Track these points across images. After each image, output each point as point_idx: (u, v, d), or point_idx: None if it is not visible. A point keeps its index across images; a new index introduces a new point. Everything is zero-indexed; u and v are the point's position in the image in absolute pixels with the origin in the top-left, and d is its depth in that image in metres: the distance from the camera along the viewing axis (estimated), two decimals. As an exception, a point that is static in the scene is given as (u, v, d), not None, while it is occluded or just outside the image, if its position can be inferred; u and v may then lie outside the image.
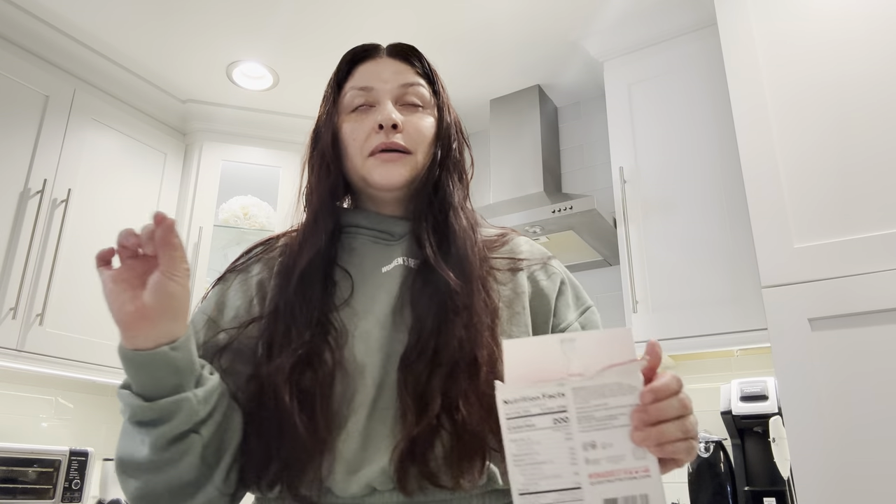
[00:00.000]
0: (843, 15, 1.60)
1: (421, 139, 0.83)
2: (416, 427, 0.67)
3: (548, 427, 0.53)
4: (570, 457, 0.53)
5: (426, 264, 0.78)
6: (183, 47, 2.35)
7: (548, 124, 2.58)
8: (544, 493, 0.53)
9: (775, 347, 1.45)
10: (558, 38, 2.30)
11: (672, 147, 2.05)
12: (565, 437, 0.53)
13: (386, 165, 0.80)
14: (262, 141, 2.72)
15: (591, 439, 0.53)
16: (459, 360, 0.70)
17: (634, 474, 0.53)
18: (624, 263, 2.01)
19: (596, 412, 0.54)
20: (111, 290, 0.63)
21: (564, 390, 0.54)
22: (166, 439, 0.64)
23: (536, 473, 0.53)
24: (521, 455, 0.53)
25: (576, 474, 0.53)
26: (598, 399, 0.54)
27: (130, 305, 0.62)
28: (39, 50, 2.23)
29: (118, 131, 2.44)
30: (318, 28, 2.24)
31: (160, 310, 0.62)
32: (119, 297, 0.62)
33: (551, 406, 0.54)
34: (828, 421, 1.36)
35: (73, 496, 2.08)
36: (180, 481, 0.66)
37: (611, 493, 0.53)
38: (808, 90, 1.60)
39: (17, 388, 2.29)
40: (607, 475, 0.53)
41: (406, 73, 0.85)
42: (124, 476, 0.67)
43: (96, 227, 2.31)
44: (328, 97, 0.88)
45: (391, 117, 0.80)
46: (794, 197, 1.54)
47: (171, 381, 0.64)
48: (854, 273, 1.41)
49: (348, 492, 0.68)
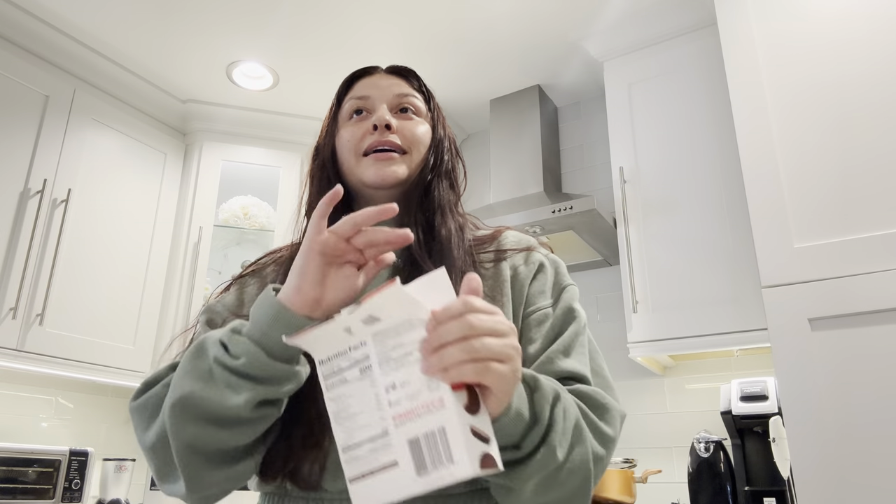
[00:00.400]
0: (844, 15, 1.60)
1: (415, 140, 0.85)
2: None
3: (356, 379, 0.53)
4: (377, 402, 0.53)
5: (412, 261, 0.79)
6: (183, 47, 2.35)
7: (548, 124, 2.58)
8: (359, 445, 0.53)
9: (775, 347, 1.45)
10: (558, 38, 2.30)
11: (672, 147, 2.05)
12: (370, 384, 0.53)
13: (380, 164, 0.82)
14: (262, 141, 2.72)
15: (391, 381, 0.53)
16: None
17: (430, 408, 0.51)
18: (624, 263, 2.01)
19: (393, 352, 0.53)
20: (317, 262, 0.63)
21: (365, 338, 0.53)
22: (265, 400, 0.63)
23: (353, 426, 0.53)
24: (338, 411, 0.53)
25: (382, 419, 0.52)
26: (394, 339, 0.53)
27: (351, 281, 0.64)
28: (39, 50, 2.23)
29: (118, 131, 2.44)
30: (319, 28, 2.24)
31: (345, 300, 0.63)
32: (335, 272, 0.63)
33: (357, 357, 0.54)
34: (828, 421, 1.36)
35: (73, 496, 2.08)
36: (238, 443, 0.66)
37: (412, 431, 0.51)
38: (809, 90, 1.60)
39: (17, 388, 2.29)
40: (408, 414, 0.52)
41: (401, 86, 0.88)
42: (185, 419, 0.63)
43: (96, 227, 2.31)
44: (330, 114, 0.91)
45: (385, 118, 0.83)
46: (794, 197, 1.54)
47: (296, 352, 0.64)
48: (854, 273, 1.41)
49: (337, 486, 0.70)
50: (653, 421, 2.17)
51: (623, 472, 1.90)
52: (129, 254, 2.40)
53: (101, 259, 2.30)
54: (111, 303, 2.31)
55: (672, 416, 2.14)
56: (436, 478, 0.50)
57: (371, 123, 0.83)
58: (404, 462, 0.51)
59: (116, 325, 2.31)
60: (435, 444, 0.50)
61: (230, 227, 2.62)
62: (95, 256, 2.28)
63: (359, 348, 0.54)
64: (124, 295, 2.36)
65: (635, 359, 1.96)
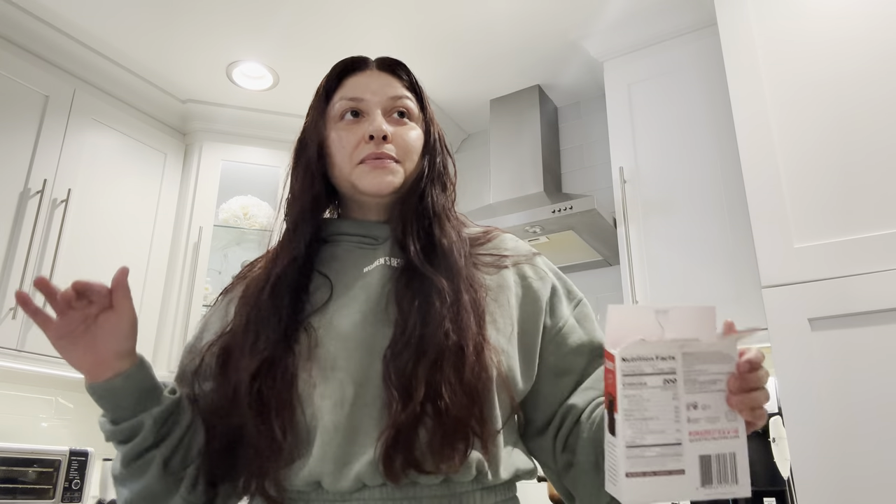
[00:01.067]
0: (843, 13, 1.60)
1: (410, 150, 0.85)
2: (400, 415, 0.69)
3: (657, 386, 0.58)
4: (675, 415, 0.59)
5: (410, 264, 0.79)
6: (183, 47, 2.35)
7: (548, 124, 2.58)
8: (650, 447, 0.58)
9: (775, 347, 1.45)
10: (558, 38, 2.30)
11: (672, 147, 2.05)
12: (672, 396, 0.59)
13: (376, 172, 0.82)
14: (262, 141, 2.72)
15: (693, 400, 0.59)
16: (445, 349, 0.72)
17: (727, 434, 0.60)
18: (624, 263, 2.01)
19: (699, 377, 0.59)
20: (61, 346, 0.70)
21: (675, 354, 0.59)
22: (131, 455, 0.73)
23: (643, 428, 0.58)
24: (631, 410, 0.58)
25: (678, 431, 0.59)
26: (702, 365, 0.60)
27: (89, 355, 0.71)
28: (39, 50, 2.23)
29: (118, 131, 2.44)
30: (319, 28, 2.24)
31: (115, 351, 0.71)
32: (73, 351, 0.71)
33: (662, 367, 0.59)
34: (828, 421, 1.36)
35: (72, 496, 2.08)
36: (150, 491, 0.74)
37: (706, 450, 0.59)
38: (809, 89, 1.60)
39: (17, 388, 2.29)
40: (704, 434, 0.59)
41: (394, 86, 0.87)
42: (115, 485, 0.78)
43: (96, 228, 2.31)
44: (315, 107, 0.89)
45: (382, 128, 0.82)
46: (794, 197, 1.54)
47: (129, 405, 0.73)
48: (854, 273, 1.41)
49: (337, 487, 0.69)
50: (653, 421, 2.17)
51: (623, 472, 1.89)
52: (129, 254, 2.40)
53: (101, 259, 2.30)
54: (111, 303, 2.30)
55: (672, 416, 2.14)
56: (718, 492, 0.59)
57: (367, 133, 0.82)
58: (691, 472, 0.59)
59: (116, 325, 2.31)
60: (724, 465, 0.60)
61: (230, 227, 2.62)
62: (95, 256, 2.28)
63: (666, 361, 0.59)
64: (124, 295, 2.35)
65: (635, 359, 1.96)
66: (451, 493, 0.71)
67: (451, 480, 0.71)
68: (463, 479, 0.71)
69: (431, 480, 0.70)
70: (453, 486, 0.71)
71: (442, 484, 0.71)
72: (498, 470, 0.74)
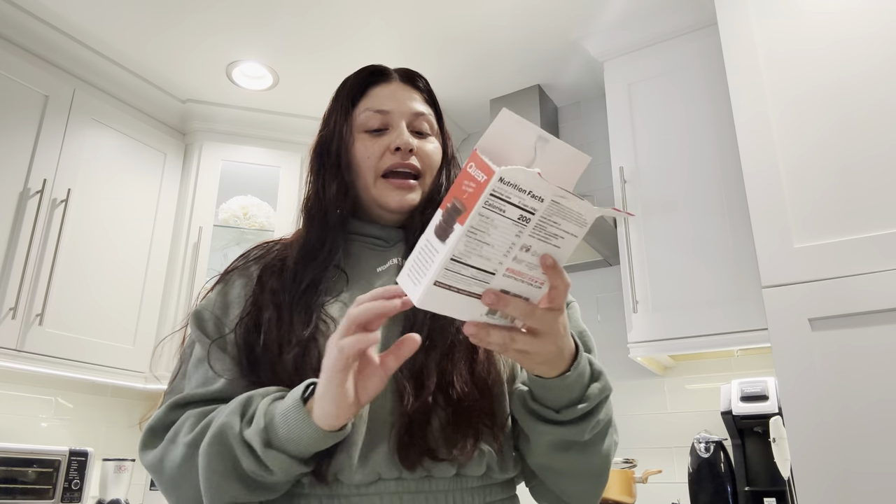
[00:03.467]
0: (844, 14, 1.60)
1: (431, 164, 0.89)
2: (414, 405, 0.71)
3: (511, 219, 0.56)
4: (507, 249, 0.57)
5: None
6: (183, 47, 2.35)
7: (548, 124, 2.58)
8: (468, 267, 0.57)
9: (775, 347, 1.45)
10: (558, 37, 2.30)
11: (672, 147, 2.05)
12: (517, 233, 0.56)
13: (399, 191, 0.86)
14: (261, 141, 2.72)
15: (530, 244, 0.58)
16: (456, 342, 0.75)
17: (534, 282, 0.60)
18: (624, 263, 2.01)
19: (549, 227, 0.58)
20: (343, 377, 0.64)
21: (546, 197, 0.56)
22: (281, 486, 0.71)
23: (475, 251, 0.56)
24: (476, 229, 0.55)
25: (500, 264, 0.58)
26: (559, 218, 0.57)
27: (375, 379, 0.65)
28: (39, 50, 2.23)
29: (118, 131, 2.44)
30: (319, 28, 2.24)
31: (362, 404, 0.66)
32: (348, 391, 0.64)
33: (527, 204, 0.55)
34: (828, 421, 1.36)
35: (72, 496, 2.07)
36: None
37: (510, 287, 0.59)
38: (809, 90, 1.60)
39: (17, 388, 2.29)
40: (518, 274, 0.59)
41: (417, 101, 0.91)
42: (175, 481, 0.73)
43: (96, 227, 2.31)
44: (339, 112, 0.90)
45: (408, 142, 0.86)
46: (794, 197, 1.54)
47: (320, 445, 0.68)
48: (854, 273, 1.41)
49: (354, 480, 0.71)
50: (653, 421, 2.17)
51: (623, 473, 1.90)
52: (129, 254, 2.40)
53: (100, 259, 2.29)
54: (111, 303, 2.31)
55: (672, 417, 2.14)
56: (497, 321, 0.61)
57: (393, 145, 0.85)
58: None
59: (116, 325, 2.31)
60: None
61: (230, 227, 2.62)
62: (95, 256, 2.28)
63: (535, 200, 0.55)
64: (124, 295, 2.36)
65: (635, 359, 1.96)
66: (462, 487, 0.74)
67: (463, 475, 0.73)
68: (474, 474, 0.74)
69: (445, 471, 0.72)
70: (464, 481, 0.74)
71: (454, 478, 0.73)
72: (505, 466, 0.77)
